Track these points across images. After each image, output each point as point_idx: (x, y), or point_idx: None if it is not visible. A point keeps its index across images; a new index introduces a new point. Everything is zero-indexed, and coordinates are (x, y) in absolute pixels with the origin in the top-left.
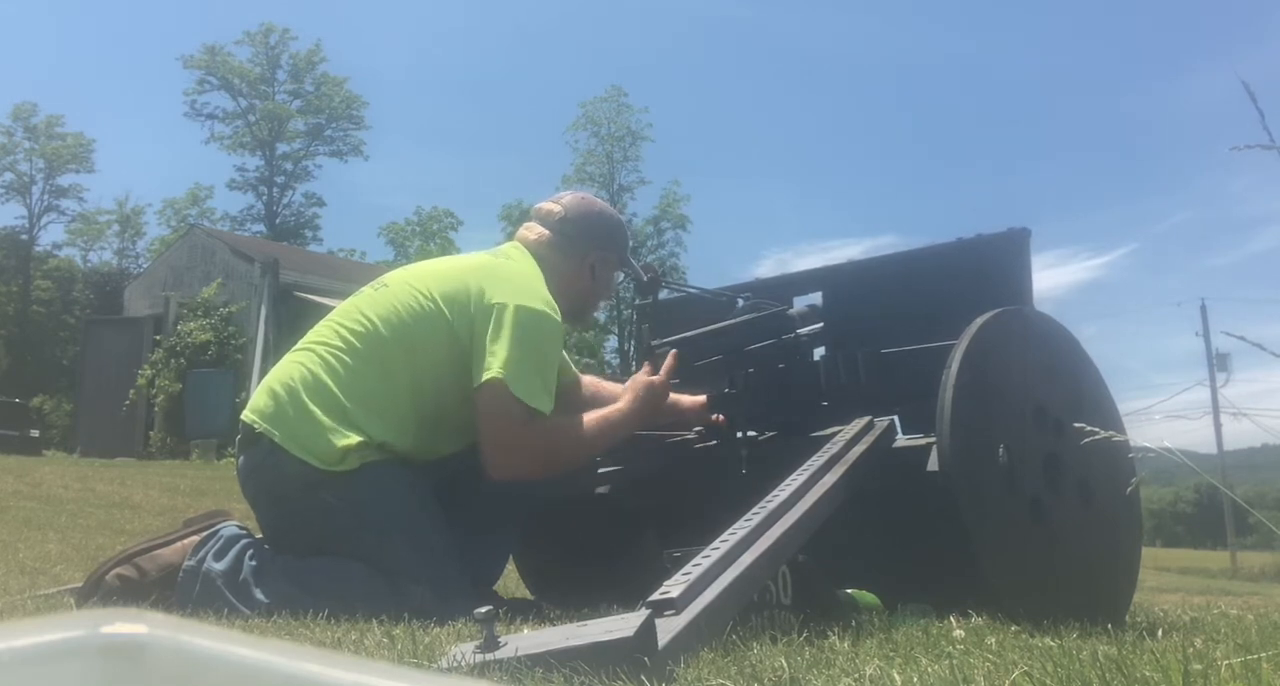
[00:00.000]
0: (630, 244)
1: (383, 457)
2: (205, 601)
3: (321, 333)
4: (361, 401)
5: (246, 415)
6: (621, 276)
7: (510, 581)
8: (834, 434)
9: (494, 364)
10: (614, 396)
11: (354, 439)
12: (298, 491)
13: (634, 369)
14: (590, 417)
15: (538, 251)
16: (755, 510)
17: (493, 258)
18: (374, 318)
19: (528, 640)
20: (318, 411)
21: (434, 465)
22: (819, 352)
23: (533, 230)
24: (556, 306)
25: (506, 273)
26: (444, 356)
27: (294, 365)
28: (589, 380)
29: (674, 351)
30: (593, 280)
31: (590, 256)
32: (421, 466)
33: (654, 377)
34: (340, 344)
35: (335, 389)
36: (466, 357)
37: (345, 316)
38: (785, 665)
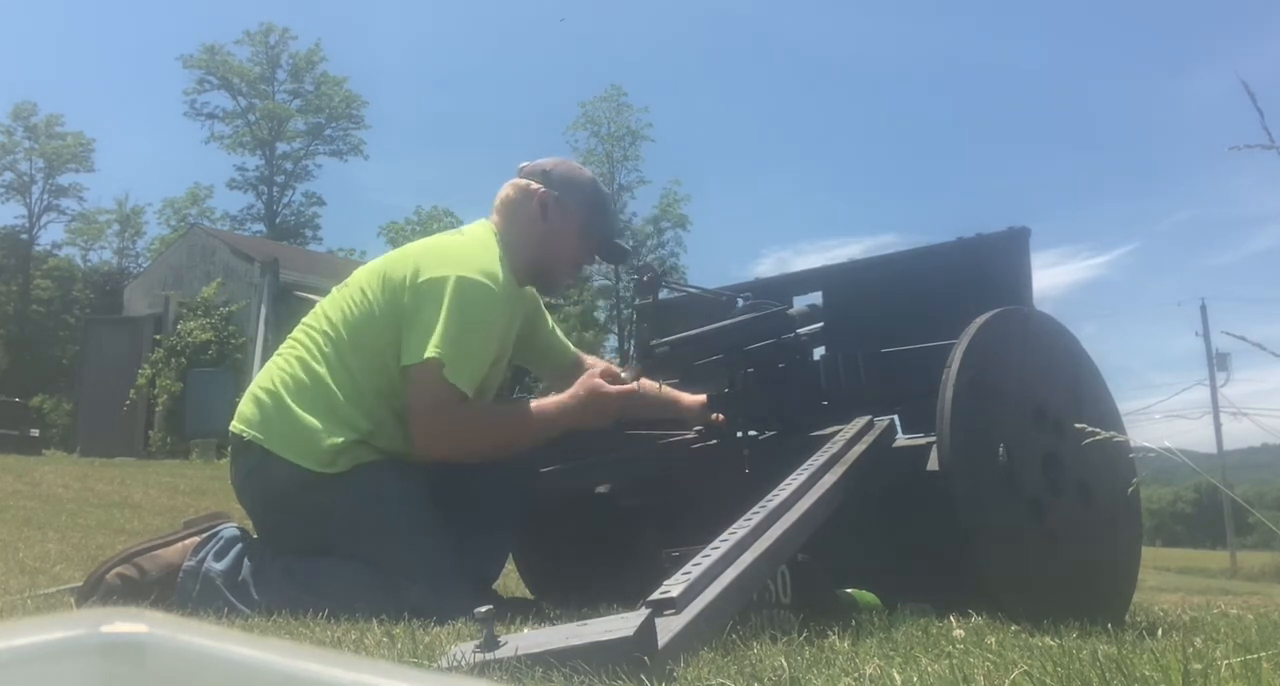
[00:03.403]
0: (602, 203)
1: (375, 458)
2: (205, 601)
3: (296, 336)
4: (341, 399)
5: (234, 425)
6: (593, 240)
7: (510, 581)
8: (834, 433)
9: (428, 342)
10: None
11: (341, 438)
12: (292, 495)
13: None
14: (532, 405)
15: (500, 211)
16: (755, 510)
17: (445, 237)
18: (334, 318)
19: (528, 639)
20: (302, 413)
21: (431, 464)
22: (819, 352)
23: (500, 193)
24: (497, 276)
25: (448, 249)
26: (395, 352)
27: (274, 370)
28: (593, 360)
29: (640, 381)
30: (543, 222)
31: (539, 195)
32: (418, 466)
33: (605, 387)
34: (313, 346)
35: (315, 389)
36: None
37: (314, 319)
38: (785, 665)
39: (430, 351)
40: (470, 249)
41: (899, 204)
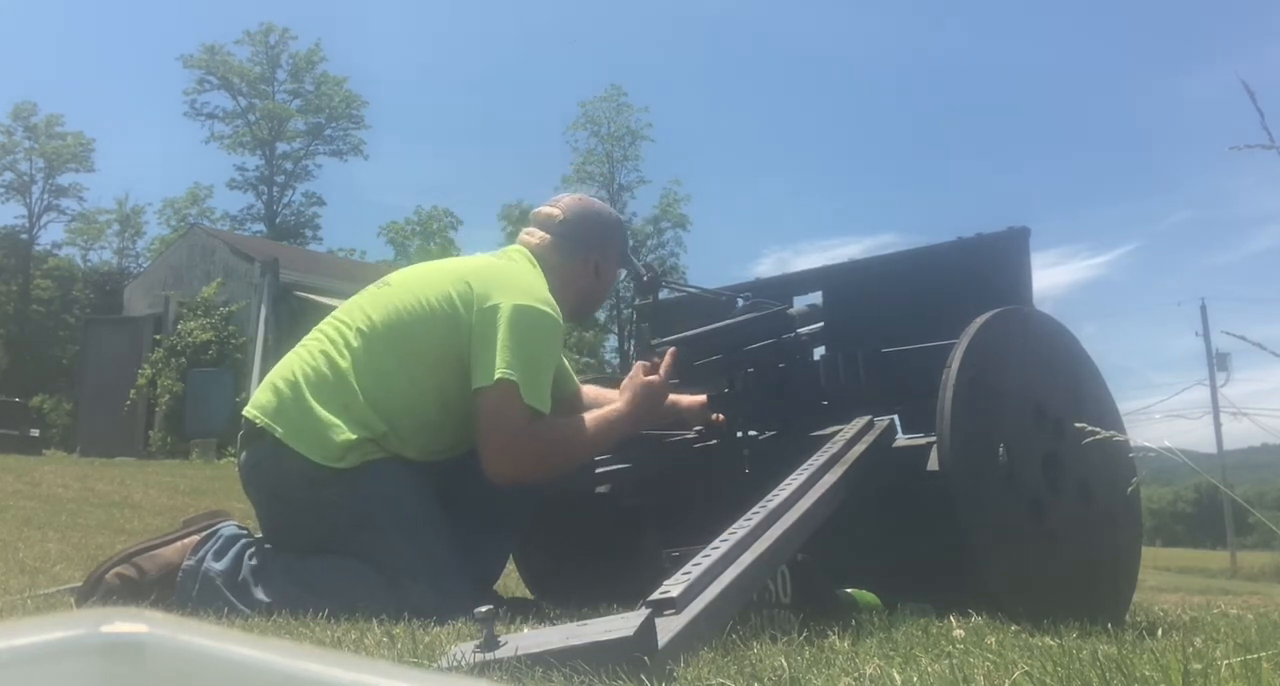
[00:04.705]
0: (630, 243)
1: (384, 456)
2: (204, 601)
3: (325, 329)
4: (360, 399)
5: (248, 411)
6: (623, 274)
7: (510, 581)
8: (834, 433)
9: (501, 364)
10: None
11: (354, 435)
12: (299, 488)
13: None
14: (589, 419)
15: (538, 254)
16: (755, 509)
17: (495, 259)
18: (374, 317)
19: (528, 639)
20: (319, 407)
21: (435, 464)
22: (819, 352)
23: (533, 235)
24: (557, 307)
25: (507, 274)
26: (441, 357)
27: (296, 361)
28: (590, 389)
29: (672, 350)
30: (596, 279)
31: (593, 256)
32: (421, 466)
33: (652, 378)
34: (341, 341)
35: (336, 385)
36: (465, 359)
37: (348, 314)
38: (785, 665)
39: (508, 373)
40: (530, 280)
41: (899, 204)
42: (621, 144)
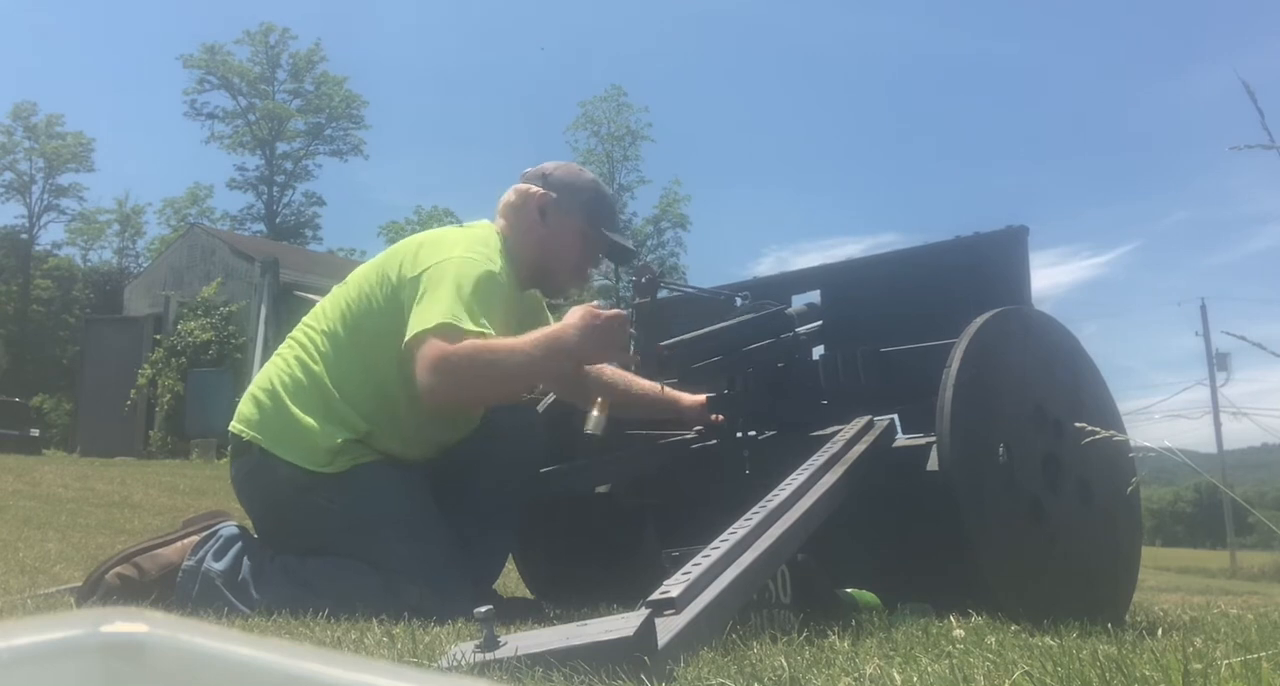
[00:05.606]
0: (609, 212)
1: (373, 457)
2: (204, 601)
3: (296, 336)
4: (339, 398)
5: (234, 425)
6: (604, 262)
7: (510, 581)
8: (834, 433)
9: (429, 315)
10: (639, 385)
11: (340, 438)
12: (291, 495)
13: (633, 368)
14: (529, 335)
15: (503, 214)
16: (755, 509)
17: (444, 228)
18: (333, 316)
19: (527, 640)
20: (300, 413)
21: (429, 464)
22: (818, 351)
23: (503, 198)
24: (496, 261)
25: (445, 237)
26: (395, 346)
27: (273, 370)
28: (606, 367)
29: (615, 311)
30: (542, 224)
31: (536, 200)
32: (416, 466)
33: (606, 312)
34: (312, 346)
35: (313, 389)
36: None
37: (313, 317)
38: (785, 664)
39: (431, 322)
40: (470, 236)
41: (899, 204)
42: (621, 144)
